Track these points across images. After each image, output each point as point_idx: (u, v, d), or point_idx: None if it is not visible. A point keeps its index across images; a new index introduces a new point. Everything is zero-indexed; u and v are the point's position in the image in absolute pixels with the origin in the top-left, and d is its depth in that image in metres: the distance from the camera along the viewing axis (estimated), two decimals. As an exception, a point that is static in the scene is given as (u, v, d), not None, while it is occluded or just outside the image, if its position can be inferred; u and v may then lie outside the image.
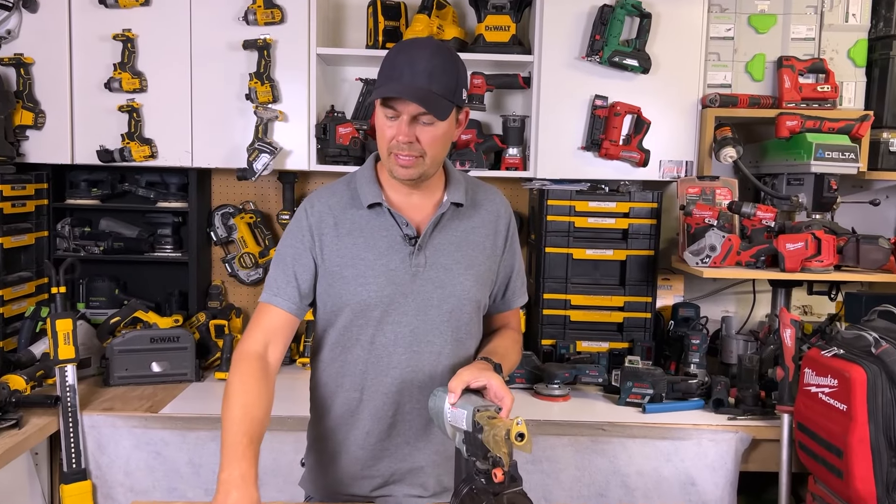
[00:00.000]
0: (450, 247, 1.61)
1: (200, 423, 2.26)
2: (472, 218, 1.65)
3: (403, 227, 1.58)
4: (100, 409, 2.28)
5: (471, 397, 1.39)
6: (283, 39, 2.64)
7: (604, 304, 2.74)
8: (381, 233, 1.58)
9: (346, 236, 1.59)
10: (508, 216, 1.72)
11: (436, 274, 1.58)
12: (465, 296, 1.60)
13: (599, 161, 2.73)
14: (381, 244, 1.58)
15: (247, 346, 1.56)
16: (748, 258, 2.46)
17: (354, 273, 1.57)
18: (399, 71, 1.49)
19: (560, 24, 2.67)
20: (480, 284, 1.64)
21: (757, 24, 2.73)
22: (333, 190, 1.65)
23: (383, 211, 1.59)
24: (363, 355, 1.59)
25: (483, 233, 1.66)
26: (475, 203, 1.67)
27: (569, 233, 2.72)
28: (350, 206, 1.61)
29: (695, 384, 2.46)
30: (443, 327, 1.59)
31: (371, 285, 1.56)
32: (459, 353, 1.63)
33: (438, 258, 1.59)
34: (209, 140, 2.67)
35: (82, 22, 2.62)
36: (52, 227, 2.87)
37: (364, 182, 1.62)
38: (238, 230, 2.97)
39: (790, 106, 2.67)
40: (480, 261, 1.64)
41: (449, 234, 1.62)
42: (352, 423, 1.62)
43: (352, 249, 1.58)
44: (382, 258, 1.57)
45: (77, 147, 2.67)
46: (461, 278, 1.60)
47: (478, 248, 1.64)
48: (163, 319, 2.66)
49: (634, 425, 2.29)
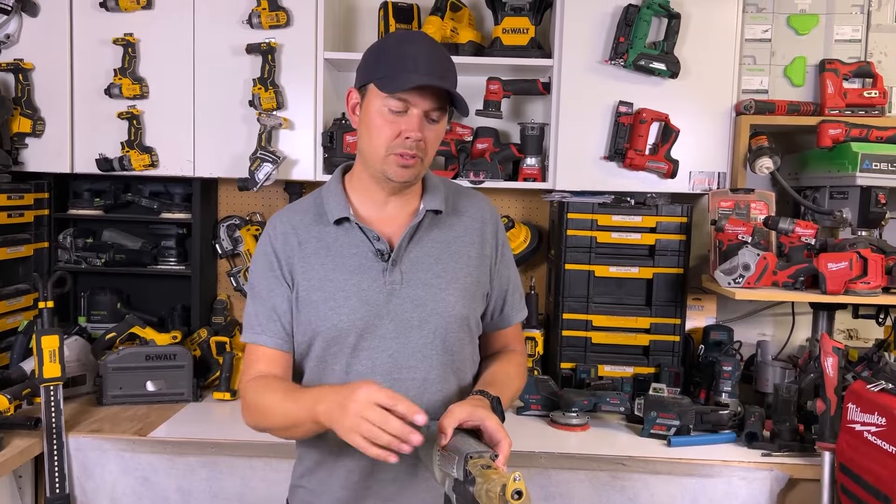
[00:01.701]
0: (428, 259, 1.45)
1: (190, 448, 2.13)
2: (453, 227, 1.50)
3: (374, 242, 1.43)
4: (87, 431, 2.16)
5: (464, 439, 1.22)
6: (289, 43, 2.51)
7: (628, 325, 2.54)
8: (350, 250, 1.44)
9: (313, 256, 1.44)
10: (495, 222, 1.56)
11: (414, 291, 1.43)
12: (450, 313, 1.44)
13: (624, 172, 2.55)
14: (350, 262, 1.43)
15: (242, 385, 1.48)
16: (785, 278, 2.25)
17: (323, 296, 1.42)
18: (414, 63, 1.36)
19: (582, 26, 2.49)
20: (468, 299, 1.47)
21: (797, 25, 2.52)
22: (297, 207, 1.52)
23: (352, 226, 1.45)
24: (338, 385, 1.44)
25: (467, 241, 1.50)
26: (457, 210, 1.52)
27: (591, 248, 2.53)
28: (315, 222, 1.47)
29: (726, 415, 2.26)
30: (427, 351, 1.43)
31: (342, 308, 1.41)
32: (449, 379, 1.47)
33: (416, 273, 1.44)
34: (212, 148, 2.56)
35: (83, 26, 2.53)
36: (54, 238, 2.78)
37: (330, 196, 1.48)
38: (244, 242, 2.85)
39: (833, 113, 2.46)
40: (466, 273, 1.48)
41: (427, 245, 1.46)
42: (333, 460, 1.46)
43: (319, 271, 1.43)
44: (353, 278, 1.42)
45: (77, 155, 2.58)
46: (443, 294, 1.44)
47: (462, 259, 1.48)
48: (160, 336, 2.55)
49: (658, 460, 2.10)
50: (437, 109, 1.39)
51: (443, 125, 1.44)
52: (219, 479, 2.12)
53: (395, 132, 1.37)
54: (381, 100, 1.37)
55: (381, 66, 1.39)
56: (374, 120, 1.39)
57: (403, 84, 1.34)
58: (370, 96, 1.40)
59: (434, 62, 1.37)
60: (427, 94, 1.36)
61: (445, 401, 1.43)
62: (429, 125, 1.39)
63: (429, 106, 1.37)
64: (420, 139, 1.37)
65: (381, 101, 1.37)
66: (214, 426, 2.27)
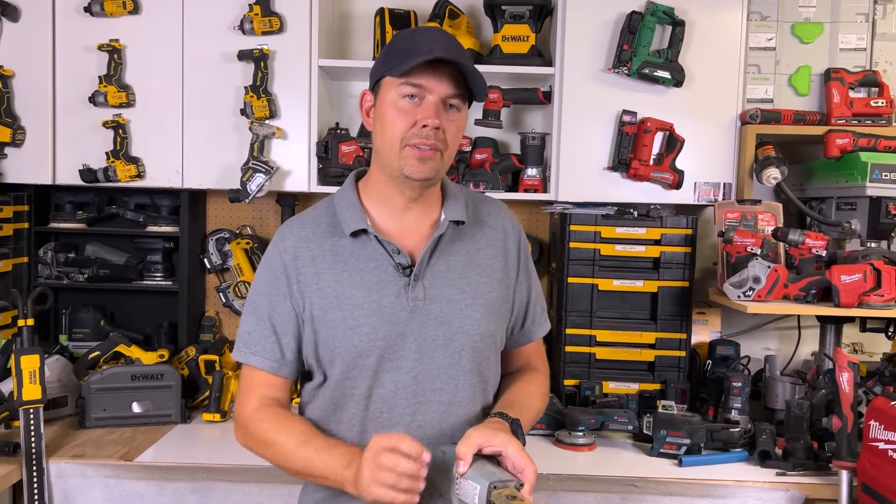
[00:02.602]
0: (452, 274, 1.36)
1: (180, 472, 2.02)
2: (475, 238, 1.41)
3: (395, 256, 1.34)
4: (69, 456, 2.04)
5: (485, 466, 1.14)
6: (283, 50, 2.43)
7: (633, 340, 2.47)
8: (368, 264, 1.34)
9: (328, 272, 1.34)
10: (518, 232, 1.48)
11: (438, 308, 1.34)
12: (476, 331, 1.36)
13: (627, 182, 2.48)
14: (369, 278, 1.33)
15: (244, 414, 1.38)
16: (797, 291, 2.19)
17: (341, 315, 1.32)
18: (428, 46, 1.27)
19: (584, 34, 2.43)
20: (493, 316, 1.39)
21: (801, 34, 2.48)
22: (308, 218, 1.42)
23: (370, 238, 1.35)
24: (359, 412, 1.35)
25: (490, 254, 1.42)
26: (478, 220, 1.44)
27: (594, 261, 2.46)
28: (329, 235, 1.37)
29: (737, 433, 2.18)
30: (452, 371, 1.34)
31: (362, 328, 1.31)
32: (476, 400, 1.38)
33: (440, 289, 1.35)
34: (201, 159, 2.45)
35: (66, 31, 2.43)
36: (34, 252, 2.66)
37: (345, 206, 1.38)
38: (234, 257, 2.75)
39: (840, 122, 2.42)
40: (490, 287, 1.40)
41: (451, 259, 1.37)
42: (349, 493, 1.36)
43: (335, 287, 1.33)
44: (373, 294, 1.33)
45: (59, 166, 2.46)
46: (469, 310, 1.35)
47: (486, 272, 1.40)
48: (147, 354, 2.43)
49: (670, 481, 2.01)
50: (456, 96, 1.30)
51: (463, 117, 1.35)
52: (210, 507, 2.01)
53: (410, 122, 1.29)
54: (394, 88, 1.30)
55: (392, 57, 1.31)
56: (388, 112, 1.31)
57: (416, 61, 1.26)
58: (384, 90, 1.33)
59: (447, 44, 1.30)
60: (443, 79, 1.28)
61: (471, 423, 1.34)
62: (447, 114, 1.31)
63: (446, 91, 1.29)
64: (438, 126, 1.29)
65: (395, 89, 1.30)
66: (205, 449, 2.16)
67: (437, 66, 1.28)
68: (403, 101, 1.30)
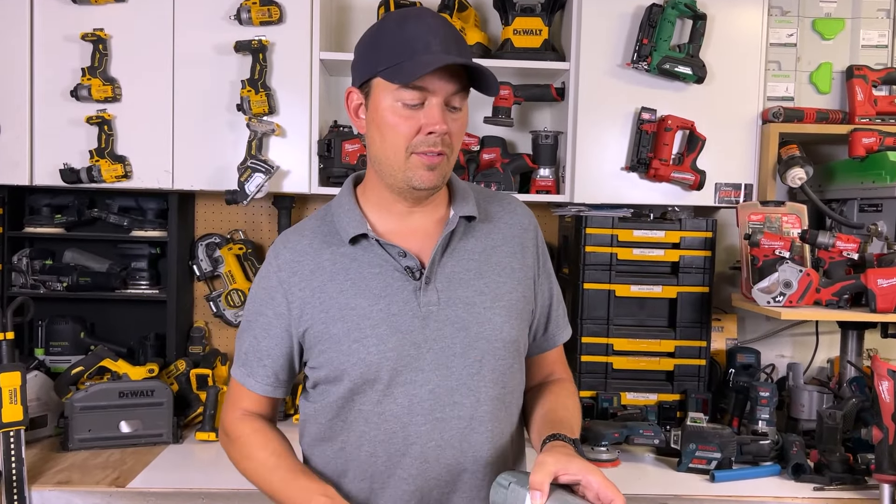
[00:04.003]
0: (468, 274, 1.24)
1: (178, 499, 1.86)
2: (490, 234, 1.29)
3: (400, 259, 1.21)
4: (53, 483, 1.86)
5: (565, 497, 1.01)
6: (282, 42, 2.28)
7: (651, 349, 2.36)
8: (371, 270, 1.22)
9: (328, 283, 1.22)
10: (535, 227, 1.36)
11: (454, 312, 1.21)
12: (498, 336, 1.23)
13: (644, 184, 2.38)
14: (374, 285, 1.21)
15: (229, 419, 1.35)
16: (829, 296, 2.10)
17: (346, 328, 1.20)
18: (424, 42, 1.14)
19: (600, 27, 2.32)
20: (515, 319, 1.26)
21: (822, 30, 2.40)
22: (303, 230, 1.30)
23: (371, 244, 1.23)
24: (370, 433, 1.22)
25: (507, 251, 1.29)
26: (491, 215, 1.31)
27: (610, 266, 2.34)
28: (327, 244, 1.25)
29: (767, 445, 2.09)
30: (473, 383, 1.21)
31: (369, 339, 1.19)
32: (500, 415, 1.25)
33: (455, 291, 1.22)
34: (193, 158, 2.29)
35: (46, 20, 2.25)
36: (7, 259, 2.47)
37: (342, 212, 1.26)
38: (225, 263, 2.58)
39: (864, 121, 2.34)
40: (510, 287, 1.27)
41: (464, 258, 1.25)
42: None
43: (338, 299, 1.21)
44: (379, 302, 1.20)
45: (37, 166, 2.28)
46: (489, 314, 1.23)
47: (504, 271, 1.27)
48: (135, 369, 2.26)
49: (705, 498, 1.91)
50: (459, 93, 1.18)
51: (465, 113, 1.23)
52: (211, 536, 1.84)
53: (413, 129, 1.16)
54: (391, 93, 1.16)
55: (383, 53, 1.17)
56: (387, 119, 1.17)
57: (420, 69, 1.12)
58: (377, 92, 1.19)
59: (446, 37, 1.17)
60: (445, 77, 1.15)
61: (495, 442, 1.23)
62: (451, 114, 1.18)
63: (450, 90, 1.16)
64: (446, 132, 1.16)
65: (392, 94, 1.16)
66: (202, 472, 1.99)
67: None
68: (403, 108, 1.17)
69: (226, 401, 1.38)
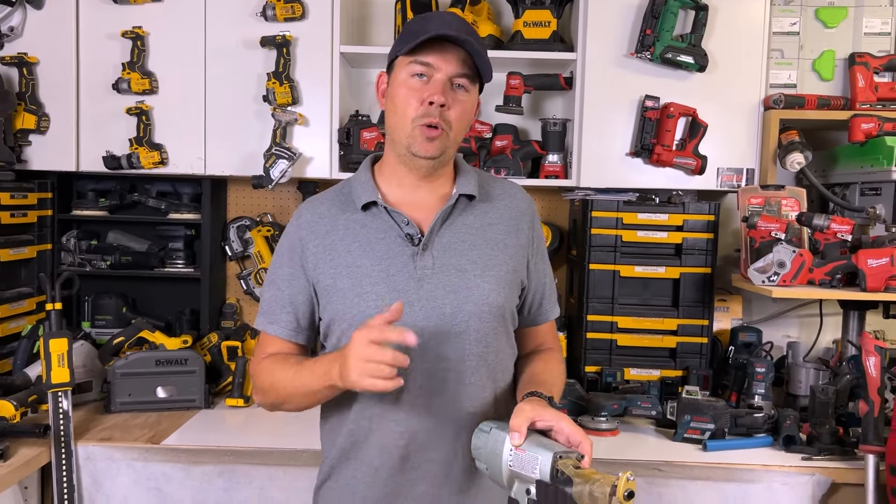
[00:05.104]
0: (462, 245, 1.39)
1: (207, 455, 2.03)
2: (487, 213, 1.44)
3: (403, 226, 1.37)
4: (97, 440, 2.05)
5: (541, 439, 1.15)
6: (304, 37, 2.43)
7: (655, 327, 2.46)
8: (377, 235, 1.38)
9: (339, 243, 1.39)
10: (532, 213, 1.50)
11: (447, 277, 1.36)
12: (485, 301, 1.37)
13: (649, 168, 2.48)
14: (378, 248, 1.37)
15: (254, 364, 1.47)
16: (822, 276, 2.18)
17: (350, 283, 1.36)
18: (435, 24, 1.32)
19: (606, 18, 2.43)
20: (504, 288, 1.40)
21: (825, 18, 2.46)
22: (323, 197, 1.48)
23: (380, 211, 1.39)
24: None
25: (502, 229, 1.44)
26: (490, 196, 1.46)
27: (615, 248, 2.45)
28: (342, 210, 1.42)
29: (761, 418, 2.18)
30: (458, 340, 1.36)
31: (369, 295, 1.35)
32: (481, 372, 1.39)
33: (450, 259, 1.37)
34: (223, 145, 2.46)
35: (90, 18, 2.44)
36: (57, 239, 2.67)
37: (358, 183, 1.43)
38: (255, 244, 2.76)
39: (864, 107, 2.40)
40: (502, 261, 1.41)
41: (461, 231, 1.40)
42: (359, 457, 1.39)
43: (346, 257, 1.37)
44: (381, 263, 1.36)
45: (83, 153, 2.48)
46: (478, 281, 1.37)
47: (497, 246, 1.42)
48: (170, 340, 2.45)
49: (696, 465, 2.01)
50: (463, 76, 1.34)
51: (471, 101, 1.38)
52: (237, 490, 2.02)
53: (419, 101, 1.33)
54: (404, 68, 1.34)
55: (404, 38, 1.36)
56: (399, 91, 1.35)
57: (423, 37, 1.30)
58: (396, 70, 1.37)
59: (457, 24, 1.35)
60: (450, 58, 1.32)
61: (477, 395, 1.37)
62: (454, 93, 1.34)
63: (453, 70, 1.33)
64: (443, 104, 1.32)
65: (405, 68, 1.34)
66: (229, 433, 2.17)
67: (446, 46, 1.32)
68: (413, 80, 1.34)
69: (253, 355, 1.50)
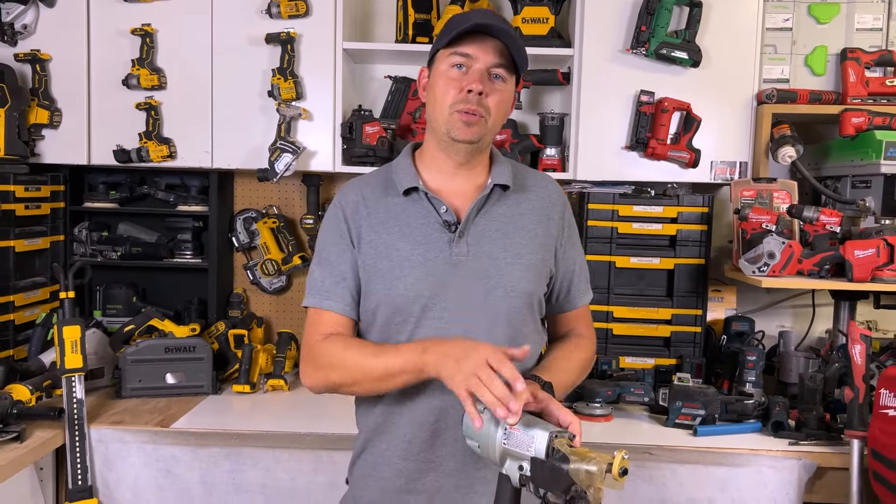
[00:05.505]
0: (495, 234, 1.46)
1: (214, 438, 2.11)
2: (520, 203, 1.51)
3: (442, 213, 1.44)
4: (109, 423, 2.14)
5: (533, 419, 1.21)
6: (308, 33, 2.50)
7: (649, 316, 2.53)
8: (417, 220, 1.45)
9: (380, 226, 1.46)
10: (563, 204, 1.56)
11: (479, 263, 1.43)
12: (514, 287, 1.44)
13: (644, 162, 2.54)
14: (417, 233, 1.44)
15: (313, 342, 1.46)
16: (811, 266, 2.24)
17: (389, 265, 1.43)
18: (475, 17, 1.40)
19: (603, 15, 2.48)
20: (533, 276, 1.47)
21: (818, 14, 2.51)
22: (367, 180, 1.54)
23: (420, 196, 1.46)
24: None
25: (534, 220, 1.50)
26: (524, 187, 1.53)
27: (611, 239, 2.52)
28: (384, 194, 1.49)
29: (751, 405, 2.24)
30: (489, 324, 1.43)
31: (407, 278, 1.42)
32: None
33: (483, 246, 1.44)
34: (229, 139, 2.54)
35: (100, 16, 2.51)
36: (69, 231, 2.76)
37: (400, 169, 1.50)
38: (261, 236, 2.83)
39: (856, 102, 2.45)
40: (532, 250, 1.48)
41: (495, 219, 1.47)
42: (393, 430, 1.46)
43: (386, 240, 1.45)
44: (419, 248, 1.43)
45: (94, 147, 2.56)
46: (509, 268, 1.44)
47: (528, 235, 1.48)
48: (179, 328, 2.53)
49: (685, 449, 2.08)
50: (501, 66, 1.40)
51: (508, 91, 1.44)
52: (242, 471, 2.10)
53: (458, 89, 1.40)
54: (444, 60, 1.42)
55: (445, 32, 1.42)
56: (439, 82, 1.42)
57: (462, 29, 1.37)
58: (436, 63, 1.45)
59: (495, 18, 1.42)
60: (488, 49, 1.39)
61: None
62: (492, 83, 1.41)
63: (490, 61, 1.39)
64: (481, 91, 1.38)
65: (445, 60, 1.42)
66: (236, 418, 2.26)
67: (484, 38, 1.39)
68: (453, 71, 1.41)
69: (305, 334, 1.50)
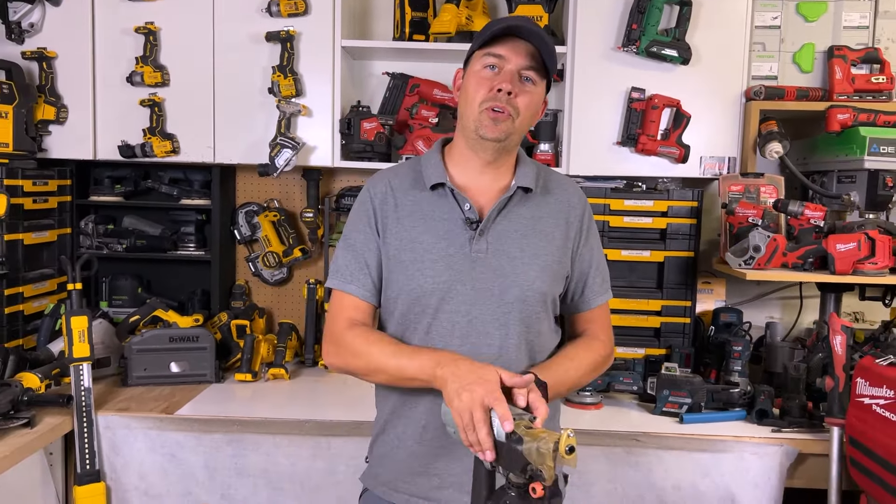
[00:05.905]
0: (515, 234, 1.52)
1: (216, 425, 2.19)
2: (541, 206, 1.56)
3: (465, 210, 1.50)
4: (115, 410, 2.22)
5: None
6: (307, 31, 2.56)
7: (640, 308, 2.60)
8: (441, 215, 1.51)
9: (406, 218, 1.52)
10: (583, 207, 1.61)
11: (497, 262, 1.49)
12: (530, 286, 1.50)
13: (636, 157, 2.60)
14: (440, 228, 1.50)
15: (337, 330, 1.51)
16: (795, 259, 2.30)
17: (412, 257, 1.49)
18: (511, 20, 1.46)
19: (595, 14, 2.54)
20: (548, 277, 1.53)
21: (806, 12, 2.57)
22: (396, 171, 1.60)
23: (446, 192, 1.52)
24: (420, 345, 1.50)
25: (552, 223, 1.56)
26: (546, 190, 1.58)
27: (603, 233, 2.58)
28: (412, 187, 1.55)
29: (736, 393, 2.31)
30: (503, 319, 1.49)
31: (428, 271, 1.48)
32: (522, 349, 1.51)
33: (502, 245, 1.50)
34: (231, 135, 2.61)
35: (105, 15, 2.58)
36: (76, 224, 2.84)
37: (429, 163, 1.55)
38: (262, 229, 2.90)
39: (842, 98, 2.51)
40: (549, 251, 1.54)
41: (515, 220, 1.53)
42: (409, 415, 1.53)
43: (410, 232, 1.51)
44: (441, 242, 1.49)
45: (99, 142, 2.63)
46: (526, 268, 1.50)
47: (546, 237, 1.54)
48: (183, 319, 2.60)
49: (671, 436, 2.15)
50: (531, 69, 1.45)
51: (538, 93, 1.49)
52: (244, 456, 2.17)
53: (488, 88, 1.45)
54: (478, 60, 1.47)
55: (481, 35, 1.48)
56: (471, 81, 1.48)
57: (495, 29, 1.43)
58: (471, 64, 1.50)
59: (529, 21, 1.46)
60: (521, 52, 1.44)
61: (517, 368, 1.45)
62: (522, 85, 1.45)
63: (522, 63, 1.44)
64: (510, 91, 1.43)
65: (479, 61, 1.47)
66: (238, 405, 2.33)
67: (516, 41, 1.44)
68: (485, 71, 1.46)
69: (328, 318, 1.55)
